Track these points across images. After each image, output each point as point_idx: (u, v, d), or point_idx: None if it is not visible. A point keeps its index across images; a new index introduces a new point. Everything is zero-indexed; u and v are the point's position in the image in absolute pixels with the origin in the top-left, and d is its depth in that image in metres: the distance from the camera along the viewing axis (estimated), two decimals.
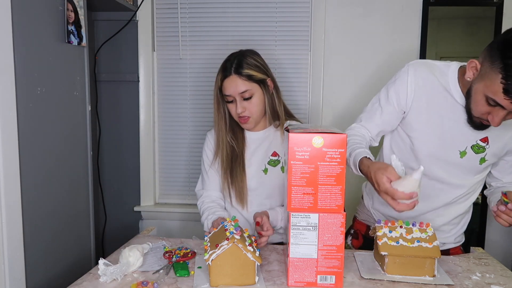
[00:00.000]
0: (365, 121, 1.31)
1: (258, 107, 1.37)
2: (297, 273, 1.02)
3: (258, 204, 1.43)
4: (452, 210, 1.31)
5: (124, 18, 2.14)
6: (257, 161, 1.44)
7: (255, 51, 1.43)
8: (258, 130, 1.46)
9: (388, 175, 0.99)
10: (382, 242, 1.08)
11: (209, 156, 1.49)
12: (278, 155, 1.43)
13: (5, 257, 1.21)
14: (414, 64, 1.24)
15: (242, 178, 1.42)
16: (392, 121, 1.28)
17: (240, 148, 1.43)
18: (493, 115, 1.06)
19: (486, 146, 1.20)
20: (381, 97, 1.28)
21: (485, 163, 1.23)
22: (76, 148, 1.59)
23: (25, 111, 1.29)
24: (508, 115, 1.06)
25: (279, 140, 1.44)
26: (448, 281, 1.05)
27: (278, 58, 2.14)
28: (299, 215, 1.00)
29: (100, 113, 2.25)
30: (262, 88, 1.38)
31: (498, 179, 1.30)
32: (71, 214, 1.56)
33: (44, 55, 1.38)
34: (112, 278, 1.04)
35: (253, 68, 1.35)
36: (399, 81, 1.24)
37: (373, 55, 2.09)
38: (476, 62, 1.08)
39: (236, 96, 1.34)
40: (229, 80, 1.35)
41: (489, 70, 1.02)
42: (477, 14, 2.06)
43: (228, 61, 1.38)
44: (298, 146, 0.99)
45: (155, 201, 2.33)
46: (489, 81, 1.02)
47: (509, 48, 0.98)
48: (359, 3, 2.07)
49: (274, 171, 1.43)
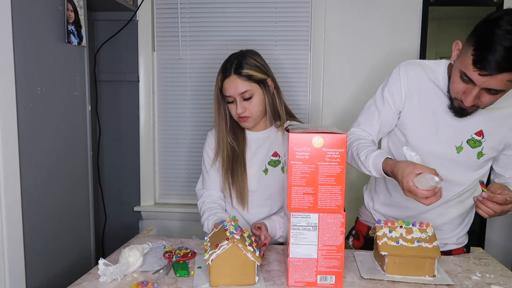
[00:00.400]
0: (364, 125, 1.31)
1: (258, 107, 1.37)
2: (297, 273, 1.02)
3: (259, 205, 1.43)
4: (453, 209, 1.30)
5: (124, 18, 2.14)
6: (258, 161, 1.43)
7: (255, 51, 1.43)
8: (259, 130, 1.46)
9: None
10: (382, 242, 1.08)
11: (210, 155, 1.48)
12: (279, 155, 1.43)
13: (5, 257, 1.21)
14: (405, 64, 1.27)
15: (243, 178, 1.41)
16: (390, 122, 1.29)
17: (241, 148, 1.43)
18: (466, 93, 1.08)
19: (482, 139, 1.20)
20: (376, 99, 1.30)
21: (483, 157, 1.22)
22: (76, 148, 1.59)
23: (25, 111, 1.28)
24: (483, 97, 1.06)
25: (280, 140, 1.43)
26: (448, 281, 1.05)
27: (278, 58, 2.14)
28: (299, 215, 1.00)
29: (100, 113, 2.25)
30: (262, 88, 1.37)
31: (500, 175, 1.30)
32: (71, 214, 1.56)
33: (44, 55, 1.38)
34: (111, 278, 1.04)
35: (253, 68, 1.35)
36: (392, 81, 1.26)
37: (373, 55, 2.09)
38: (459, 42, 1.11)
39: (236, 96, 1.34)
40: (229, 81, 1.34)
41: (466, 46, 1.05)
42: (477, 14, 2.06)
43: (228, 61, 1.38)
44: (298, 146, 0.99)
45: (155, 201, 2.33)
46: (463, 56, 1.05)
47: (484, 24, 1.02)
48: (359, 3, 2.08)
49: (275, 171, 1.42)
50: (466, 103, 1.08)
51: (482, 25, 1.03)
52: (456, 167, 1.24)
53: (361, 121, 1.32)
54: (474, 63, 1.00)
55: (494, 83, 1.01)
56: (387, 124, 1.29)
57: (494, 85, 1.01)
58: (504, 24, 0.97)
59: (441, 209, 1.30)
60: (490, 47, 0.97)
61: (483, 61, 0.99)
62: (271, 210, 1.44)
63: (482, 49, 0.99)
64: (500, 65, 0.97)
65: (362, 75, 2.11)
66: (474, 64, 1.00)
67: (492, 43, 0.97)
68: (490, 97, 1.06)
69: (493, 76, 0.99)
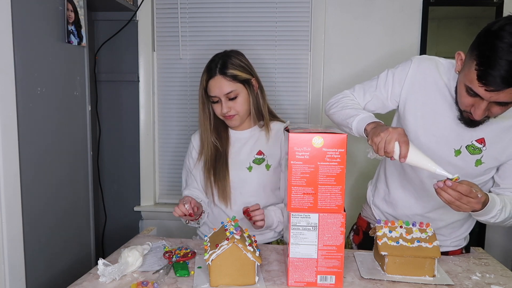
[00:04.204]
0: (358, 92, 1.32)
1: (243, 107, 1.40)
2: (297, 273, 1.02)
3: (242, 202, 1.44)
4: (449, 214, 1.28)
5: (124, 18, 2.14)
6: (242, 159, 1.45)
7: (239, 52, 1.45)
8: (243, 129, 1.48)
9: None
10: (382, 242, 1.08)
11: (194, 157, 1.51)
12: (263, 153, 1.45)
13: (5, 257, 1.21)
14: (420, 58, 1.24)
15: (225, 175, 1.43)
16: (379, 104, 1.29)
17: (224, 147, 1.45)
18: (475, 107, 1.05)
19: (483, 147, 1.17)
20: (380, 77, 1.30)
21: (482, 165, 1.19)
22: (76, 148, 1.59)
23: (25, 111, 1.29)
24: (493, 108, 1.04)
25: (264, 139, 1.46)
26: (448, 281, 1.05)
27: (278, 58, 2.14)
28: (299, 215, 1.00)
29: (100, 113, 2.25)
30: (247, 88, 1.40)
31: (496, 184, 1.24)
32: (71, 214, 1.56)
33: (44, 55, 1.38)
34: (111, 278, 1.04)
35: (237, 68, 1.38)
36: (400, 69, 1.26)
37: (373, 55, 2.09)
38: (462, 53, 1.08)
39: (221, 96, 1.36)
40: (214, 81, 1.36)
41: (468, 59, 1.03)
42: (477, 14, 2.06)
43: (212, 61, 1.40)
44: (298, 146, 0.99)
45: (155, 201, 2.33)
46: (467, 69, 1.03)
47: (486, 35, 0.99)
48: (359, 3, 2.07)
49: (259, 169, 1.44)
50: (476, 117, 1.06)
51: (483, 37, 0.99)
52: (453, 171, 1.22)
53: (357, 88, 1.33)
54: (479, 78, 0.98)
55: (503, 97, 0.98)
56: (376, 104, 1.29)
57: (503, 99, 0.99)
58: (506, 36, 0.94)
59: (438, 213, 1.29)
60: (494, 62, 0.94)
61: (488, 77, 0.96)
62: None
63: (486, 64, 0.96)
64: (506, 80, 0.94)
65: (362, 75, 2.11)
66: (479, 80, 0.98)
67: (495, 58, 0.94)
68: (500, 108, 1.03)
69: (500, 91, 0.97)
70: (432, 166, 1.02)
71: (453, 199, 1.04)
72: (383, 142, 1.02)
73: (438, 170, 1.02)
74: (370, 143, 1.07)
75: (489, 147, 1.17)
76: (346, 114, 1.21)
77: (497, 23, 0.99)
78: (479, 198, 1.05)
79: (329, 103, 1.35)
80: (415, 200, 1.31)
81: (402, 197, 1.33)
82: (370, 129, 1.09)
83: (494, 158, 1.18)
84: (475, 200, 1.04)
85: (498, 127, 1.15)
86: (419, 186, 1.28)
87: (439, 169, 1.02)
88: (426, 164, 1.03)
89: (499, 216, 1.12)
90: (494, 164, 1.20)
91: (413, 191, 1.30)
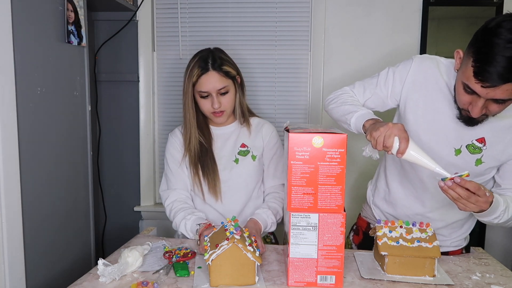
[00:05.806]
0: (358, 89, 1.32)
1: (231, 103, 1.42)
2: (297, 273, 1.02)
3: (233, 195, 1.44)
4: (450, 214, 1.28)
5: (124, 18, 2.14)
6: (227, 153, 1.46)
7: (222, 49, 1.46)
8: (224, 125, 1.50)
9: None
10: (382, 242, 1.08)
11: (174, 155, 1.48)
12: (247, 146, 1.47)
13: (5, 257, 1.21)
14: (421, 57, 1.24)
15: (214, 169, 1.43)
16: (379, 102, 1.29)
17: (208, 143, 1.46)
18: (472, 105, 1.06)
19: (483, 147, 1.17)
20: (381, 75, 1.30)
21: (483, 165, 1.19)
22: (76, 148, 1.59)
23: (25, 111, 1.28)
24: (490, 106, 1.04)
25: (246, 133, 1.48)
26: (448, 281, 1.05)
27: (278, 58, 2.14)
28: (299, 215, 1.00)
29: (100, 113, 2.25)
30: (235, 84, 1.43)
31: (497, 184, 1.24)
32: (71, 214, 1.56)
33: (44, 55, 1.38)
34: (111, 279, 1.04)
35: (229, 65, 1.40)
36: (401, 68, 1.26)
37: (373, 55, 2.09)
38: (460, 51, 1.08)
39: (213, 92, 1.37)
40: (207, 76, 1.36)
41: (466, 56, 1.03)
42: (477, 14, 2.06)
43: (201, 57, 1.39)
44: (298, 146, 0.99)
45: (155, 201, 2.33)
46: (464, 67, 1.03)
47: (483, 33, 0.99)
48: (359, 3, 2.07)
49: (245, 160, 1.46)
50: (474, 115, 1.06)
51: (481, 34, 1.00)
52: (454, 170, 1.22)
53: (357, 85, 1.34)
54: (476, 75, 0.98)
55: (499, 94, 0.98)
56: (376, 101, 1.30)
57: (499, 96, 0.99)
58: (503, 32, 0.94)
59: (438, 214, 1.29)
60: (491, 58, 0.95)
61: (484, 73, 0.96)
62: (246, 197, 1.46)
63: (483, 60, 0.96)
64: (503, 76, 0.95)
65: (362, 75, 2.08)
66: (475, 76, 0.98)
67: (492, 54, 0.95)
68: (498, 106, 1.03)
69: (496, 87, 0.97)
70: (432, 164, 1.02)
71: (459, 197, 1.02)
72: (382, 137, 1.02)
73: (438, 169, 1.02)
74: (368, 138, 1.06)
75: (489, 146, 1.17)
76: (345, 110, 1.21)
77: (494, 20, 0.99)
78: (487, 197, 1.04)
79: (328, 98, 1.36)
80: (415, 200, 1.31)
81: (402, 197, 1.33)
82: (368, 126, 1.09)
83: (494, 157, 1.18)
84: (483, 199, 1.03)
85: (498, 127, 1.15)
86: (419, 186, 1.28)
87: (438, 168, 1.02)
88: (425, 162, 1.02)
89: (503, 216, 1.11)
90: (494, 164, 1.20)
91: (413, 190, 1.30)
